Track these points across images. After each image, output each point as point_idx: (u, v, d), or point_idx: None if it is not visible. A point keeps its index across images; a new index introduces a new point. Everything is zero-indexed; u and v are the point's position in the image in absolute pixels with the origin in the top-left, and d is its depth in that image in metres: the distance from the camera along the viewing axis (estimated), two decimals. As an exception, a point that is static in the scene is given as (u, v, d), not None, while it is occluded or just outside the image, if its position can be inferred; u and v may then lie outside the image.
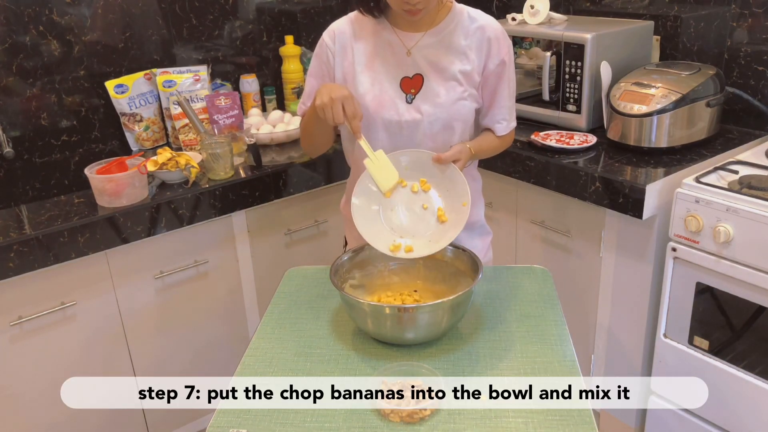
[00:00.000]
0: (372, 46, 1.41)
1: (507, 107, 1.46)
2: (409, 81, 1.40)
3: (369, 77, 1.40)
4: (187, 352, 2.06)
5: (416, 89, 1.40)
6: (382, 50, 1.40)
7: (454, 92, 1.39)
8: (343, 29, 1.43)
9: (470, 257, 1.33)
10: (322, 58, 1.44)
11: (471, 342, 1.26)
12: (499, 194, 2.15)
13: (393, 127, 1.40)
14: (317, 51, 1.46)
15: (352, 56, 1.41)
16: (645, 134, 1.89)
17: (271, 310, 1.40)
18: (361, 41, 1.41)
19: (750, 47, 2.03)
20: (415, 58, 1.39)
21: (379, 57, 1.40)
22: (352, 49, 1.41)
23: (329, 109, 1.27)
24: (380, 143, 1.41)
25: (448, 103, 1.39)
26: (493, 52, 1.40)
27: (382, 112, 1.39)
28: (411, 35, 1.40)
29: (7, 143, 2.07)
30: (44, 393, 1.81)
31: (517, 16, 2.31)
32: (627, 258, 1.86)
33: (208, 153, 1.94)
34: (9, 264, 1.65)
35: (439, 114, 1.39)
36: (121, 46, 2.26)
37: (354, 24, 1.43)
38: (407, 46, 1.40)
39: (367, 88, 1.40)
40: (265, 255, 2.13)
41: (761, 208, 1.54)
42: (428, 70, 1.39)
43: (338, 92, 1.27)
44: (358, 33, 1.42)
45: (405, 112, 1.39)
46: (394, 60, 1.40)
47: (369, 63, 1.40)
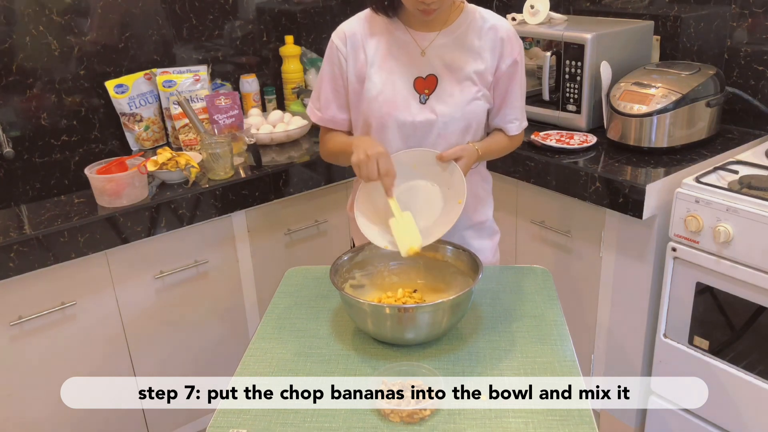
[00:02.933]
0: (385, 46, 1.39)
1: (519, 107, 1.46)
2: (422, 81, 1.39)
3: (382, 77, 1.38)
4: (187, 351, 2.06)
5: (430, 90, 1.39)
6: (395, 50, 1.39)
7: (469, 92, 1.39)
8: (353, 30, 1.41)
9: (470, 257, 1.33)
10: (334, 61, 1.42)
11: (471, 342, 1.26)
12: (499, 194, 2.14)
13: (407, 128, 1.39)
14: (328, 54, 1.43)
15: (365, 56, 1.39)
16: (645, 134, 1.89)
17: (271, 310, 1.40)
18: (373, 41, 1.39)
19: (750, 47, 2.03)
20: (430, 58, 1.38)
21: (393, 57, 1.39)
22: (364, 49, 1.39)
23: (365, 166, 1.26)
24: (393, 144, 1.40)
25: (462, 104, 1.39)
26: (506, 53, 1.40)
27: (395, 113, 1.38)
28: (424, 35, 1.38)
29: (7, 143, 2.07)
30: (44, 393, 1.81)
31: (517, 16, 2.31)
32: (627, 258, 1.86)
33: (208, 153, 1.94)
34: (9, 264, 1.65)
35: (453, 114, 1.39)
36: (121, 46, 2.26)
37: (366, 23, 1.41)
38: (421, 46, 1.38)
39: (380, 88, 1.38)
40: (265, 255, 2.13)
41: (761, 208, 1.54)
42: (442, 71, 1.38)
43: (374, 149, 1.27)
44: (370, 32, 1.40)
45: (418, 112, 1.38)
46: (408, 60, 1.39)
47: (382, 63, 1.39)
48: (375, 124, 1.40)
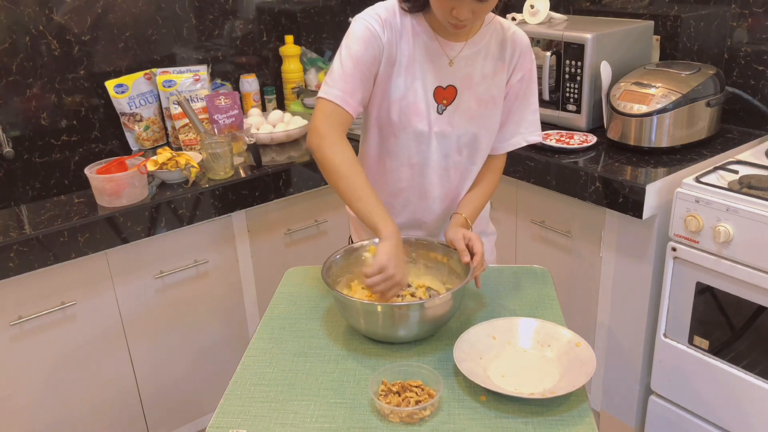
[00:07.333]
0: (413, 49, 1.33)
1: (530, 121, 1.45)
2: (442, 91, 1.36)
3: (405, 82, 1.34)
4: (187, 351, 2.06)
5: (449, 100, 1.36)
6: (422, 55, 1.34)
7: (486, 107, 1.38)
8: (390, 21, 1.31)
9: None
10: (370, 42, 1.29)
11: (471, 342, 1.26)
12: (499, 194, 2.15)
13: (423, 138, 1.37)
14: (365, 36, 1.29)
15: (396, 54, 1.32)
16: (645, 134, 1.89)
17: (271, 310, 1.40)
18: (403, 40, 1.32)
19: (750, 47, 2.03)
20: (456, 68, 1.35)
21: (419, 62, 1.34)
22: (397, 46, 1.32)
23: (380, 284, 1.21)
24: (407, 152, 1.39)
25: (479, 117, 1.38)
26: (518, 66, 1.39)
27: (414, 121, 1.35)
28: (452, 44, 1.34)
29: (7, 143, 2.08)
30: (44, 393, 1.81)
31: (517, 15, 2.31)
32: (627, 258, 1.86)
33: (208, 153, 1.94)
34: (9, 264, 1.65)
35: (469, 128, 1.38)
36: (121, 46, 2.26)
37: (395, 17, 1.32)
38: (449, 56, 1.35)
39: (402, 93, 1.34)
40: (265, 255, 2.13)
41: (761, 208, 1.54)
42: (464, 82, 1.36)
43: (397, 275, 1.21)
44: (401, 29, 1.32)
45: (435, 123, 1.37)
46: (433, 68, 1.34)
47: (408, 66, 1.33)
48: (391, 126, 1.37)
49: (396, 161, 1.41)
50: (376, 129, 1.40)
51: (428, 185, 1.43)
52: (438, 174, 1.42)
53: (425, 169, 1.41)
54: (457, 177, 1.44)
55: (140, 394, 1.99)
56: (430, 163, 1.40)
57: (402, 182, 1.43)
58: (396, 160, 1.41)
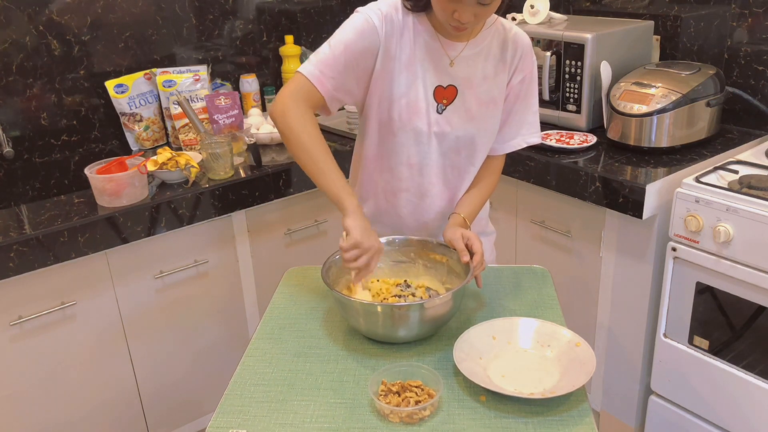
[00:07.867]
0: (414, 47, 1.33)
1: (530, 122, 1.46)
2: (442, 90, 1.35)
3: (407, 80, 1.33)
4: (187, 351, 2.06)
5: (449, 100, 1.36)
6: (422, 54, 1.33)
7: (486, 108, 1.38)
8: (391, 16, 1.30)
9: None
10: (365, 33, 1.29)
11: (471, 342, 1.26)
12: (499, 194, 2.15)
13: (422, 137, 1.37)
14: (361, 26, 1.29)
15: (396, 51, 1.31)
16: (645, 134, 1.89)
17: (271, 310, 1.40)
18: (404, 38, 1.32)
19: (750, 47, 2.03)
20: (457, 68, 1.35)
21: (420, 61, 1.33)
22: (397, 43, 1.31)
23: (355, 255, 1.24)
24: (406, 151, 1.39)
25: (479, 117, 1.38)
26: (519, 67, 1.39)
27: (414, 120, 1.35)
28: (454, 45, 1.34)
29: (7, 143, 2.08)
30: (44, 393, 1.81)
31: (517, 15, 2.31)
32: (627, 258, 1.86)
33: (208, 153, 1.94)
34: (9, 264, 1.65)
35: (468, 128, 1.38)
36: (121, 46, 2.26)
37: (397, 13, 1.31)
38: (450, 56, 1.34)
39: (404, 91, 1.34)
40: (265, 255, 2.13)
41: (761, 208, 1.54)
42: (465, 83, 1.36)
43: (370, 242, 1.25)
44: (403, 26, 1.31)
45: (435, 123, 1.36)
46: (434, 67, 1.34)
47: (409, 64, 1.33)
48: (391, 125, 1.37)
49: (395, 161, 1.41)
50: (375, 127, 1.40)
51: (427, 185, 1.43)
52: (437, 174, 1.42)
53: (424, 168, 1.41)
54: (455, 177, 1.44)
55: (140, 394, 1.99)
56: (429, 163, 1.40)
57: (401, 182, 1.43)
58: (395, 159, 1.41)
